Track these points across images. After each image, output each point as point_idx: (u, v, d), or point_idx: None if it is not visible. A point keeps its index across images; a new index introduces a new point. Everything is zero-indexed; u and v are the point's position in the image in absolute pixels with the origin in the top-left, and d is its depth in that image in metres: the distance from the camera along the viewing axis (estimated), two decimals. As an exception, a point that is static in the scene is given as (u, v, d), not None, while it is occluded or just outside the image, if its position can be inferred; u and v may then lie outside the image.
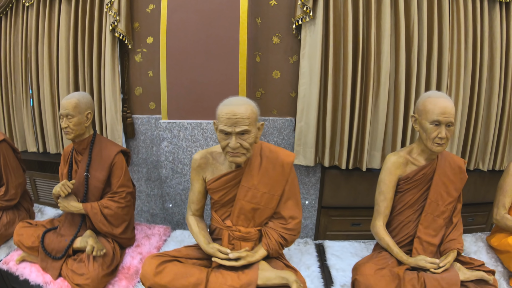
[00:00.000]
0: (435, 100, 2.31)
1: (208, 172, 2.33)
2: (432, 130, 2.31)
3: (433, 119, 2.28)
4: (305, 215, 3.39)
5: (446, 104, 2.28)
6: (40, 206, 3.33)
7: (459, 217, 2.60)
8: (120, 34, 3.07)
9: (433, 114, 2.28)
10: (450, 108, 2.28)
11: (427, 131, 2.33)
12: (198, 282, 2.00)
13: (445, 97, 2.34)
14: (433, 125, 2.30)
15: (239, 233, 2.26)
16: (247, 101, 2.08)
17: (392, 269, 2.31)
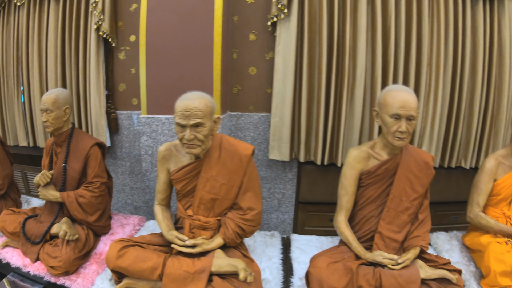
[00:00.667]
0: (395, 93, 2.19)
1: (171, 163, 2.34)
2: (392, 124, 2.18)
3: (393, 112, 2.16)
4: (283, 210, 3.31)
5: (406, 98, 2.15)
6: (27, 197, 3.36)
7: (426, 214, 2.45)
8: (104, 33, 3.08)
9: (393, 107, 2.16)
10: (411, 101, 2.15)
11: (387, 125, 2.21)
12: (155, 266, 2.03)
13: (406, 90, 2.22)
14: (393, 119, 2.18)
15: (199, 222, 2.26)
16: (202, 96, 2.10)
17: (346, 263, 2.19)
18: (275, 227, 3.34)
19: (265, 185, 3.23)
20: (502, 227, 2.60)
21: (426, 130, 3.14)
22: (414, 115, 2.15)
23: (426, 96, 3.11)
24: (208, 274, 2.01)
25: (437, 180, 3.31)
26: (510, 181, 2.66)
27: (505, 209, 2.69)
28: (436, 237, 2.92)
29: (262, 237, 2.79)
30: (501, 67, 3.21)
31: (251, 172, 2.28)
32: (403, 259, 2.21)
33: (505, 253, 2.41)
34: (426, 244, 2.34)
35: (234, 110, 3.14)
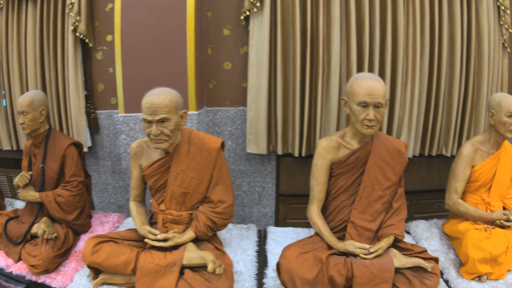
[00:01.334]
0: (361, 81, 2.07)
1: (143, 159, 2.28)
2: (360, 112, 2.06)
3: (360, 100, 2.03)
4: (264, 204, 3.18)
5: (373, 85, 2.03)
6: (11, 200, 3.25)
7: (401, 202, 2.31)
8: (81, 33, 2.98)
9: (360, 95, 2.04)
10: (378, 88, 2.03)
11: (355, 113, 2.09)
12: (129, 260, 1.99)
13: (373, 78, 2.10)
14: (361, 107, 2.06)
15: (171, 217, 2.21)
16: (167, 91, 2.07)
17: (316, 254, 2.06)
18: (257, 221, 3.22)
19: (245, 179, 3.11)
20: (481, 213, 2.45)
21: (405, 119, 2.99)
22: (381, 102, 2.03)
23: (403, 84, 2.96)
24: (180, 267, 1.96)
25: (418, 169, 3.17)
26: (488, 167, 2.51)
27: (484, 195, 2.54)
28: (416, 225, 2.77)
29: (238, 230, 2.67)
30: (479, 54, 3.07)
31: (220, 165, 2.23)
32: (375, 248, 2.08)
33: (484, 240, 2.26)
34: (400, 232, 2.20)
35: (211, 106, 3.02)
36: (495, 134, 2.49)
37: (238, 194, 3.14)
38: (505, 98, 2.44)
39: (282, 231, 2.66)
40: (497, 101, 2.46)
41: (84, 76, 3.10)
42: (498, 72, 3.18)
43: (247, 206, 3.16)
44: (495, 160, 2.51)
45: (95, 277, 2.14)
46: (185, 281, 1.93)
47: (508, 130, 2.42)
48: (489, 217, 2.42)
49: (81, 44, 3.06)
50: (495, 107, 2.45)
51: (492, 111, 2.47)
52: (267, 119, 2.88)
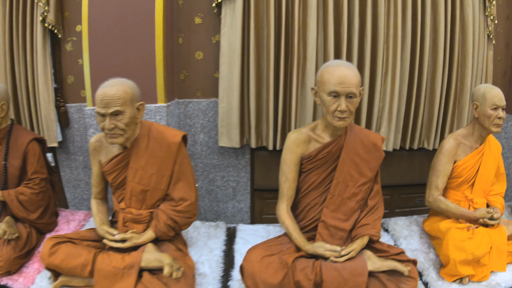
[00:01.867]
0: (332, 69, 1.78)
1: (102, 155, 2.04)
2: (331, 102, 1.78)
3: (330, 90, 1.76)
4: (239, 199, 2.88)
5: (345, 73, 1.75)
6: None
7: (377, 200, 2.04)
8: (50, 24, 2.67)
9: (330, 84, 1.76)
10: (350, 77, 1.75)
11: (326, 103, 1.81)
12: (86, 262, 1.79)
13: (345, 65, 1.81)
14: (331, 97, 1.78)
15: (131, 215, 1.98)
16: (121, 82, 1.83)
17: (282, 257, 1.79)
18: (232, 217, 2.92)
19: (218, 173, 2.82)
20: (464, 211, 2.17)
21: (385, 111, 2.69)
22: (354, 92, 1.74)
23: (384, 75, 2.66)
24: (138, 270, 1.76)
25: (399, 163, 2.88)
26: (471, 162, 2.22)
27: (467, 192, 2.25)
28: (395, 222, 2.48)
29: (206, 228, 2.38)
30: (464, 44, 2.76)
31: (182, 161, 1.98)
32: (347, 250, 1.81)
33: (466, 240, 1.98)
34: (376, 232, 1.93)
35: (182, 97, 2.71)
36: (479, 127, 2.20)
37: (212, 189, 2.86)
38: (489, 89, 2.16)
39: (252, 229, 2.38)
40: (481, 93, 2.17)
41: (53, 69, 2.79)
42: (482, 64, 2.88)
43: (221, 201, 2.87)
44: (479, 155, 2.23)
45: (55, 279, 1.92)
46: (143, 285, 1.74)
47: (493, 123, 2.13)
48: (472, 215, 2.14)
49: (50, 35, 2.75)
50: (479, 99, 2.17)
51: (476, 103, 2.18)
52: (239, 111, 2.59)
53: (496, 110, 2.11)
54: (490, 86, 2.19)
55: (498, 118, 2.12)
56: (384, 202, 2.98)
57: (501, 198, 2.30)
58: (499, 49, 3.03)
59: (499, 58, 3.03)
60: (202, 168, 2.80)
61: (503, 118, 2.13)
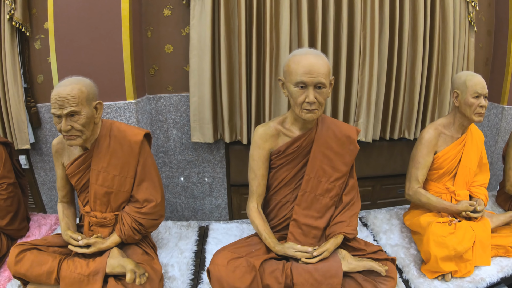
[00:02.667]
0: (299, 58, 1.52)
1: (65, 157, 1.79)
2: (298, 93, 1.52)
3: (297, 80, 1.50)
4: (215, 195, 2.62)
5: (312, 62, 1.49)
6: None
7: (353, 195, 1.78)
8: (17, 22, 2.39)
9: (297, 74, 1.49)
10: (318, 66, 1.49)
11: (293, 95, 1.55)
12: (51, 270, 1.60)
13: (313, 53, 1.54)
14: (298, 88, 1.51)
15: (95, 219, 1.77)
16: (76, 81, 1.60)
17: (250, 259, 1.54)
18: (210, 213, 2.67)
19: (193, 169, 2.56)
20: (445, 204, 1.91)
21: (363, 101, 2.43)
22: (323, 81, 1.48)
23: (361, 63, 2.40)
24: (103, 276, 1.57)
25: (379, 153, 2.63)
26: (452, 153, 1.96)
27: (448, 184, 2.00)
28: (374, 216, 2.22)
29: (178, 228, 2.12)
30: (444, 31, 2.51)
31: (145, 160, 1.75)
32: (319, 251, 1.57)
33: (447, 236, 1.74)
34: (352, 230, 1.68)
35: (153, 92, 2.44)
36: (460, 117, 1.94)
37: (188, 186, 2.60)
38: (471, 76, 1.89)
39: (225, 228, 2.12)
40: (462, 80, 1.90)
41: (22, 68, 2.51)
42: (464, 51, 2.62)
43: (198, 198, 2.61)
44: (460, 145, 1.97)
45: (24, 287, 1.71)
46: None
47: (475, 112, 1.87)
48: (453, 208, 1.89)
49: (18, 33, 2.48)
50: (460, 87, 1.90)
51: (457, 92, 1.91)
52: (211, 105, 2.32)
53: (478, 99, 1.85)
54: (472, 73, 1.93)
55: (480, 106, 1.86)
56: (366, 194, 2.80)
57: (485, 189, 2.05)
58: (481, 36, 2.77)
59: (481, 46, 2.77)
60: (177, 164, 2.54)
61: (485, 106, 1.87)
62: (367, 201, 2.76)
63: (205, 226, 2.15)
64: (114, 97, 2.24)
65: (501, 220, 1.98)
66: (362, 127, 2.46)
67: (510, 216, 2.00)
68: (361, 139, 2.48)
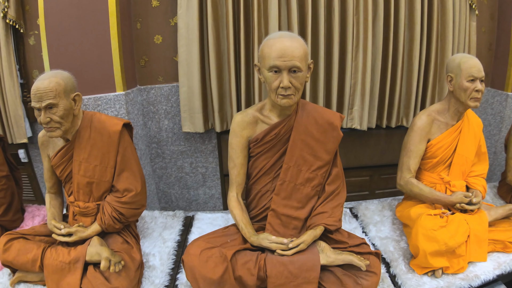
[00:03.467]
0: (272, 41, 1.42)
1: (50, 148, 1.79)
2: (272, 78, 1.42)
3: (270, 64, 1.39)
4: (209, 185, 2.55)
5: (286, 45, 1.38)
6: None
7: (337, 185, 1.66)
8: (11, 19, 2.38)
9: (270, 58, 1.39)
10: (292, 48, 1.38)
11: (267, 80, 1.45)
12: (35, 258, 1.62)
13: (288, 36, 1.43)
14: (272, 73, 1.41)
15: (78, 209, 1.76)
16: (54, 74, 1.59)
17: (222, 250, 1.47)
18: (204, 203, 2.60)
19: (186, 160, 2.49)
20: (438, 195, 1.77)
21: (357, 87, 2.30)
22: (298, 65, 1.37)
23: (354, 48, 2.27)
24: (83, 264, 1.57)
25: (376, 142, 2.49)
26: (447, 141, 1.81)
27: (443, 174, 1.85)
28: (365, 207, 2.09)
29: (163, 218, 2.06)
30: (443, 14, 2.34)
31: (124, 150, 1.74)
32: (295, 242, 1.47)
33: (438, 229, 1.60)
34: (334, 221, 1.56)
35: (144, 84, 2.38)
36: (455, 102, 1.79)
37: (181, 176, 2.54)
38: (465, 59, 1.73)
39: (210, 218, 2.06)
40: (456, 63, 1.75)
41: (18, 64, 2.51)
42: (465, 35, 2.43)
43: (192, 188, 2.55)
44: (456, 132, 1.82)
45: (13, 275, 1.74)
46: (87, 279, 1.57)
47: (470, 97, 1.71)
48: (447, 200, 1.75)
49: (13, 30, 2.47)
50: (454, 70, 1.75)
51: (451, 75, 1.76)
52: (201, 94, 2.24)
53: (474, 82, 1.69)
54: (467, 55, 1.77)
55: (476, 91, 1.70)
56: (363, 184, 2.66)
57: (483, 180, 1.88)
58: (483, 20, 2.57)
59: (483, 30, 2.57)
60: (170, 155, 2.48)
61: (481, 91, 1.71)
62: (364, 191, 2.62)
63: (191, 216, 2.07)
64: (104, 89, 2.19)
65: (500, 213, 1.80)
66: (356, 114, 2.33)
67: (509, 209, 1.81)
68: (356, 127, 2.35)
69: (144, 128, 2.40)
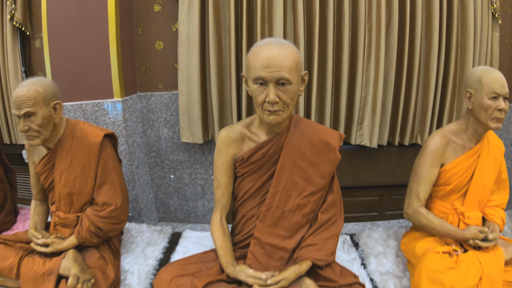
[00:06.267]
0: (259, 49, 1.17)
1: (35, 155, 1.67)
2: (258, 91, 1.18)
3: (255, 75, 1.15)
4: (208, 198, 2.33)
5: (273, 53, 1.13)
6: None
7: (332, 214, 1.40)
8: (17, 22, 2.30)
9: (255, 69, 1.15)
10: (280, 57, 1.13)
11: (253, 93, 1.21)
12: (12, 265, 1.52)
13: (277, 43, 1.18)
14: (258, 85, 1.17)
15: (58, 219, 1.63)
16: (34, 82, 1.47)
17: (194, 280, 1.25)
18: (203, 216, 2.38)
19: (185, 170, 2.28)
20: (450, 229, 1.47)
21: (368, 101, 2.02)
22: (287, 77, 1.12)
23: (366, 59, 2.00)
24: (56, 277, 1.44)
25: (387, 160, 2.19)
26: (463, 166, 1.51)
27: (457, 203, 1.55)
28: (368, 235, 1.80)
29: (150, 232, 1.86)
30: (463, 23, 2.03)
31: (105, 162, 1.59)
32: (275, 279, 1.23)
33: (445, 272, 1.31)
34: (324, 256, 1.31)
35: (144, 90, 2.19)
36: (473, 122, 1.48)
37: (180, 187, 2.33)
38: (487, 72, 1.43)
39: (198, 237, 1.83)
40: (476, 77, 1.44)
41: (23, 66, 2.41)
42: (486, 46, 2.11)
43: (190, 200, 2.34)
44: (474, 156, 1.51)
45: None
46: None
47: (492, 117, 1.41)
48: (460, 235, 1.45)
49: (20, 33, 2.37)
50: (474, 85, 1.45)
51: (470, 91, 1.46)
52: (201, 103, 2.03)
53: (496, 100, 1.39)
54: (488, 68, 1.46)
55: (498, 110, 1.39)
56: (372, 204, 2.33)
57: (502, 211, 1.56)
58: (507, 30, 2.23)
59: (506, 41, 2.23)
60: (169, 165, 2.28)
61: (505, 110, 1.40)
62: (373, 211, 2.32)
63: (178, 233, 1.86)
64: (102, 95, 2.03)
65: (518, 250, 1.49)
66: (366, 130, 2.05)
67: (530, 246, 1.50)
68: (365, 144, 2.07)
69: (143, 136, 2.22)
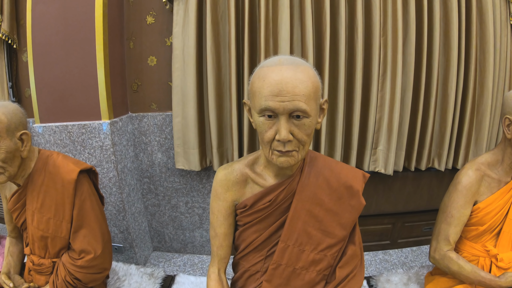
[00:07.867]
0: (266, 71, 0.82)
1: (7, 189, 1.38)
2: (265, 126, 0.85)
3: (261, 106, 0.82)
4: (206, 228, 2.04)
5: (284, 77, 0.79)
6: None
7: (352, 268, 1.08)
8: (4, 34, 2.02)
9: (261, 97, 0.81)
10: (295, 83, 0.79)
11: (258, 128, 0.88)
12: None
13: (288, 63, 0.82)
14: (265, 117, 0.83)
15: (32, 265, 1.35)
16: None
17: None
18: (201, 247, 2.10)
19: (181, 198, 2.00)
20: (483, 277, 1.20)
21: (383, 123, 1.75)
22: (303, 108, 0.80)
23: (381, 77, 1.73)
24: None
25: (402, 186, 1.91)
26: (499, 204, 1.24)
27: (489, 245, 1.28)
28: (387, 279, 1.51)
29: (139, 276, 1.56)
30: (482, 38, 1.77)
31: (82, 203, 1.28)
32: None
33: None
34: None
35: (136, 111, 1.92)
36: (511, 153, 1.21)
37: (175, 216, 2.05)
38: None
39: (193, 282, 1.53)
40: (516, 101, 1.18)
41: (10, 81, 2.13)
42: (506, 62, 1.85)
43: (187, 230, 2.06)
44: (511, 192, 1.24)
45: None
46: None
47: None
48: (494, 284, 1.18)
49: (6, 45, 2.08)
50: (514, 111, 1.18)
51: (509, 118, 1.19)
52: (197, 126, 1.76)
53: (539, 128, 1.13)
54: (532, 92, 1.19)
55: (543, 140, 1.13)
56: (384, 232, 2.06)
57: (543, 255, 1.30)
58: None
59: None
60: (163, 192, 2.00)
61: (551, 140, 1.14)
62: (385, 240, 2.06)
63: (171, 278, 1.57)
64: (89, 116, 1.76)
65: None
66: (381, 155, 1.79)
67: None
68: (380, 170, 1.80)
69: (135, 160, 1.94)
